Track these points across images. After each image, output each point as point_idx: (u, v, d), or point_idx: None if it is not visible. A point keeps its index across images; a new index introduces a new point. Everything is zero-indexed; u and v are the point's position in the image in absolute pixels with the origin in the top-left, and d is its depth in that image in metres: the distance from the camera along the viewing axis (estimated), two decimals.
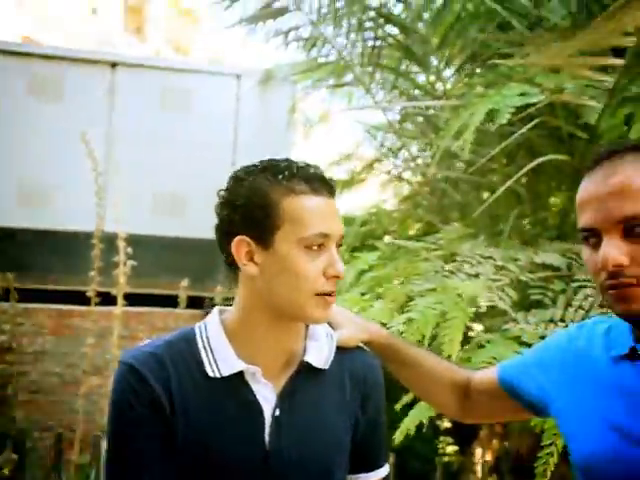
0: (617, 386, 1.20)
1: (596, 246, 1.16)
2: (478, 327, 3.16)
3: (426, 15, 3.39)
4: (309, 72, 4.34)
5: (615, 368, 1.22)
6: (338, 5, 3.43)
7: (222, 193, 1.22)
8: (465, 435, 4.55)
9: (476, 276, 2.61)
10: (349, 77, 3.98)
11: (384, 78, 3.74)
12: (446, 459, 4.52)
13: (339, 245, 1.21)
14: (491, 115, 2.78)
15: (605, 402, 1.21)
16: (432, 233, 3.34)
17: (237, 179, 1.21)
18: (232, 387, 1.20)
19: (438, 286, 2.52)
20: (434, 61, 3.44)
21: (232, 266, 1.22)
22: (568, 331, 1.42)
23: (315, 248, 1.17)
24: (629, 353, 1.20)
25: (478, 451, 4.67)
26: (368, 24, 3.49)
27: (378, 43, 3.47)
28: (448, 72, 3.47)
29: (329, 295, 1.20)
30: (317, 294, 1.18)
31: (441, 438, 4.55)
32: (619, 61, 2.42)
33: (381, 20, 3.46)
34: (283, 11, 3.66)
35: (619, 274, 1.12)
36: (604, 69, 2.56)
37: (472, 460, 4.70)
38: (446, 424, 4.58)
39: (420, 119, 3.80)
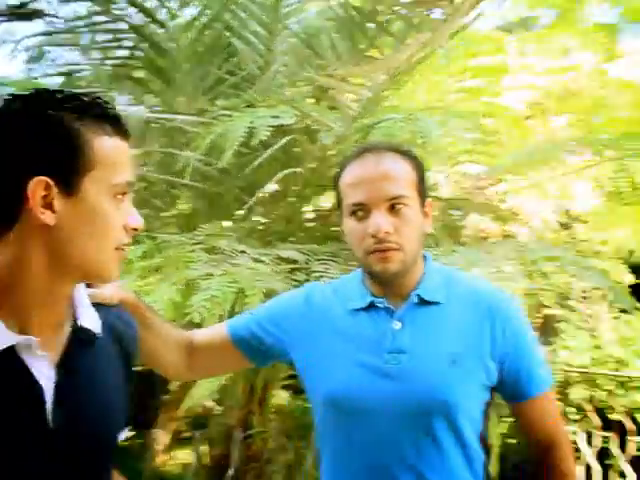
0: (358, 332, 1.47)
1: (363, 219, 1.42)
2: None
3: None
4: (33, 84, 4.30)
5: (354, 319, 1.50)
6: (97, 19, 3.55)
7: (3, 124, 0.98)
8: (142, 423, 4.95)
9: (239, 265, 2.89)
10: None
11: (133, 92, 3.94)
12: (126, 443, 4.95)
13: None
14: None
15: (349, 346, 1.47)
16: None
17: (26, 108, 0.98)
18: (2, 364, 0.98)
19: (222, 270, 2.78)
20: (183, 81, 3.74)
21: (5, 216, 1.00)
22: (300, 292, 1.67)
23: (120, 197, 1.03)
24: (367, 306, 1.49)
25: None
26: (125, 42, 3.65)
27: (131, 60, 3.66)
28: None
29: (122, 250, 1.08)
30: (117, 248, 1.05)
31: None
32: (367, 93, 2.95)
33: (138, 39, 3.65)
34: (36, 14, 3.58)
35: (384, 240, 1.39)
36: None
37: (152, 441, 5.20)
38: None
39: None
